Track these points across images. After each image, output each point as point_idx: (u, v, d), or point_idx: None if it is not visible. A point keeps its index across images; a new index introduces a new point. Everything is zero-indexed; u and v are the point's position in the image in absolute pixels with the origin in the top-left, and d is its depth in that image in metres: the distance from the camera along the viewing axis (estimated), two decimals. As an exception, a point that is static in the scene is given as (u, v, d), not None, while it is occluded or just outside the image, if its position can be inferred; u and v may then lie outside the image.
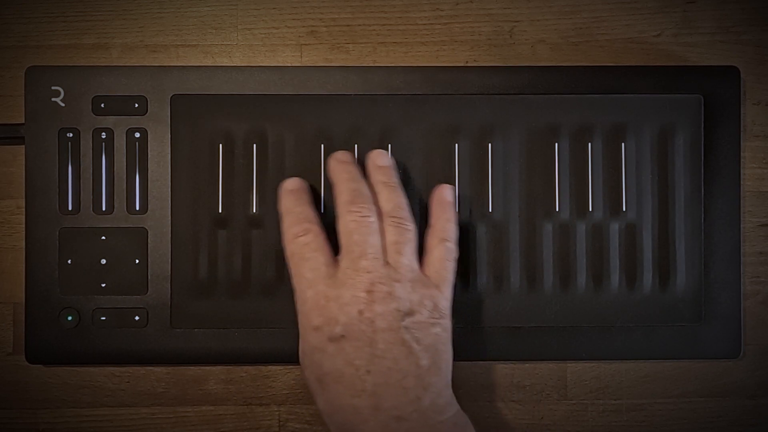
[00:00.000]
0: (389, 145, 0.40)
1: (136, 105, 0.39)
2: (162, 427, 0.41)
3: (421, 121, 0.40)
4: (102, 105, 0.39)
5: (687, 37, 0.42)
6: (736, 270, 0.40)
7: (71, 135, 0.39)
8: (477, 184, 0.40)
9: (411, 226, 0.36)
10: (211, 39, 0.42)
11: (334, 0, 0.42)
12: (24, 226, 0.40)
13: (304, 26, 0.42)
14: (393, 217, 0.36)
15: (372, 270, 0.34)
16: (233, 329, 0.39)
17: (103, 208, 0.39)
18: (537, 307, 0.40)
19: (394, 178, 0.37)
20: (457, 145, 0.40)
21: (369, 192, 0.37)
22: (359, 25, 0.42)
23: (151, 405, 0.41)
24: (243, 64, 0.41)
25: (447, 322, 0.35)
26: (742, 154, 0.41)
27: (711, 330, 0.40)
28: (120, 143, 0.39)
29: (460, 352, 0.40)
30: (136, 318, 0.39)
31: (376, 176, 0.37)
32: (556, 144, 0.40)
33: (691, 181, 0.40)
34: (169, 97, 0.39)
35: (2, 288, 0.41)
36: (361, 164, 0.39)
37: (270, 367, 0.41)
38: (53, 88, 0.39)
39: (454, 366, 0.36)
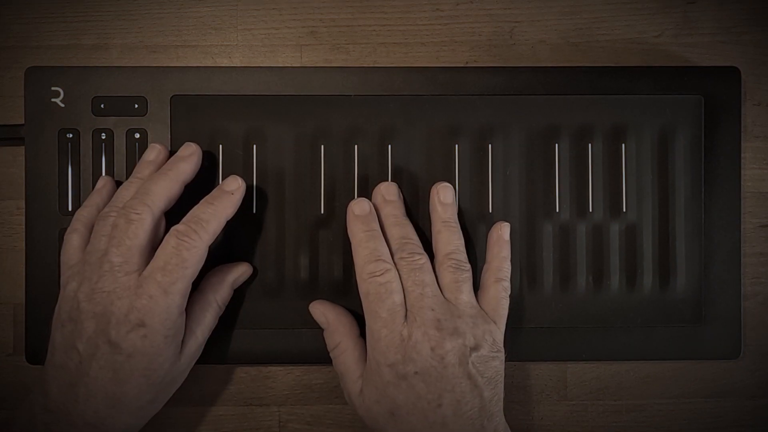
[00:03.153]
0: (389, 146, 0.40)
1: (136, 105, 0.39)
2: (162, 427, 0.41)
3: (421, 122, 0.40)
4: (102, 105, 0.39)
5: (687, 37, 0.42)
6: (736, 271, 0.40)
7: (71, 135, 0.39)
8: (477, 185, 0.40)
9: (467, 266, 0.38)
10: (211, 39, 0.41)
11: (334, 0, 0.42)
12: (24, 226, 0.40)
13: (304, 27, 0.42)
14: (451, 259, 0.37)
15: (435, 307, 0.36)
16: (234, 330, 0.39)
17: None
18: (537, 308, 0.40)
19: (455, 216, 0.39)
20: (457, 145, 0.40)
21: (414, 234, 0.38)
22: (359, 25, 0.42)
23: (152, 405, 0.41)
24: (243, 65, 0.41)
25: (503, 355, 0.37)
26: (742, 154, 0.41)
27: (711, 331, 0.40)
28: (120, 144, 0.39)
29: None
30: (137, 318, 0.39)
31: (437, 212, 0.39)
32: (557, 144, 0.40)
33: (692, 181, 0.40)
34: (169, 98, 0.39)
35: (2, 289, 0.41)
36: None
37: (270, 367, 0.41)
38: (53, 88, 0.39)
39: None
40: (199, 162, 0.38)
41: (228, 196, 0.37)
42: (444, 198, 0.39)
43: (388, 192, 0.39)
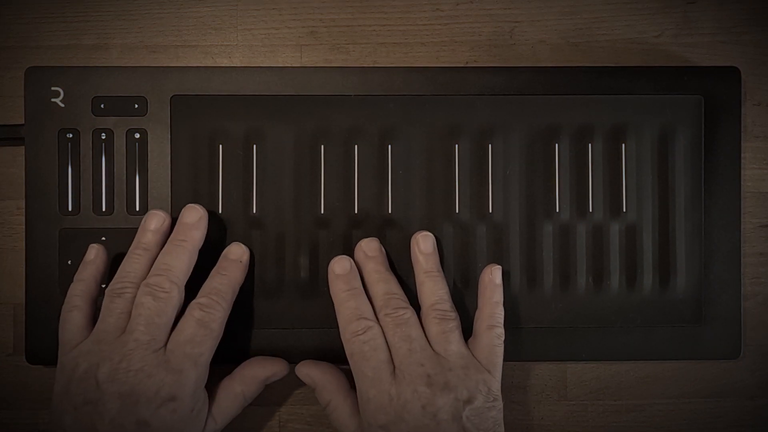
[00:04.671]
0: (389, 146, 0.40)
1: (136, 106, 0.39)
2: (162, 427, 0.41)
3: (421, 122, 0.40)
4: (102, 105, 0.39)
5: (687, 37, 0.42)
6: (736, 271, 0.40)
7: (71, 135, 0.39)
8: (477, 185, 0.40)
9: (453, 314, 0.37)
10: (211, 39, 0.41)
11: (334, 0, 0.42)
12: (24, 226, 0.40)
13: (304, 27, 0.42)
14: (436, 310, 0.37)
15: (424, 362, 0.35)
16: (234, 329, 0.39)
17: (103, 209, 0.39)
18: (537, 308, 0.40)
19: (437, 265, 0.38)
20: (457, 145, 0.40)
21: (399, 288, 0.38)
22: (359, 25, 0.42)
23: (152, 405, 0.41)
24: (243, 65, 0.41)
25: (500, 404, 0.36)
26: (742, 154, 0.41)
27: (711, 331, 0.40)
28: (120, 144, 0.39)
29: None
30: (137, 319, 0.39)
31: (419, 263, 0.38)
32: (557, 144, 0.40)
33: (692, 181, 0.40)
34: (169, 98, 0.39)
35: (2, 289, 0.41)
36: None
37: (270, 367, 0.41)
38: (53, 88, 0.39)
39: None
40: (206, 223, 0.38)
41: (237, 264, 0.38)
42: (425, 248, 0.38)
43: (369, 248, 0.38)
